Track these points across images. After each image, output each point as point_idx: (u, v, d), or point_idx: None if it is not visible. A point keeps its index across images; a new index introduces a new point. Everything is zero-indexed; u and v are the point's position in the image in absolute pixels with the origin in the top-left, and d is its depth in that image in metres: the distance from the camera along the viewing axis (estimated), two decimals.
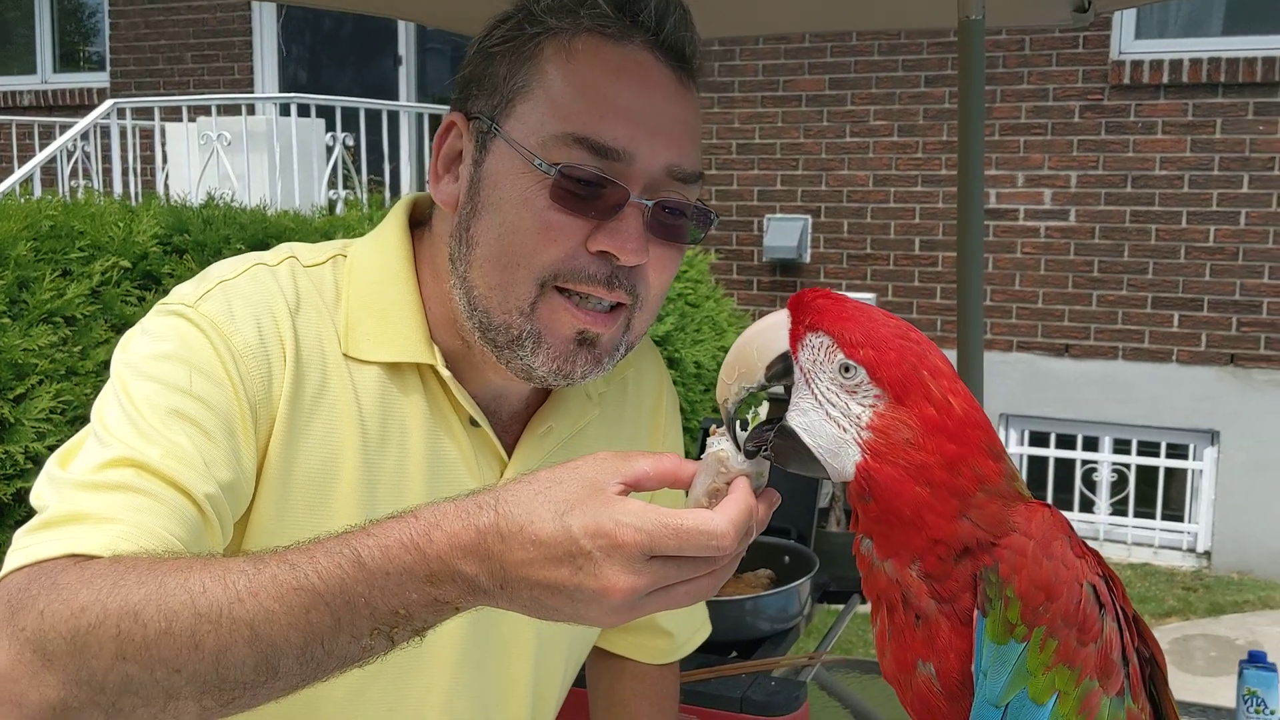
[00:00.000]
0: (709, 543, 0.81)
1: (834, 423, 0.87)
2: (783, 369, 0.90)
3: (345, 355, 1.16)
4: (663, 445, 1.46)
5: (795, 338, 0.89)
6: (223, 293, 1.12)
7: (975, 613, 0.87)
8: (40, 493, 1.00)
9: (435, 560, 0.83)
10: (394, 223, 1.24)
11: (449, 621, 1.18)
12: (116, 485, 0.97)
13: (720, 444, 0.88)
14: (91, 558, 0.90)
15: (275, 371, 1.10)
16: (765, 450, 0.89)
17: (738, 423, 0.91)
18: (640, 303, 1.15)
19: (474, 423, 1.21)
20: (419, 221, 1.25)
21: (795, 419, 0.89)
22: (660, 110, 1.12)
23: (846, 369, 0.87)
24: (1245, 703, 2.01)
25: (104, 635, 0.83)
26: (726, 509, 0.83)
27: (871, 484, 0.86)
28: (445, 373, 1.17)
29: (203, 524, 1.00)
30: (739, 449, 0.89)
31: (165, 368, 1.05)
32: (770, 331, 0.90)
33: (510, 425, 1.26)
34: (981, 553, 0.86)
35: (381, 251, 1.21)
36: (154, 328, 1.10)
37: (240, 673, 0.83)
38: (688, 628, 1.55)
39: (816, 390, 0.88)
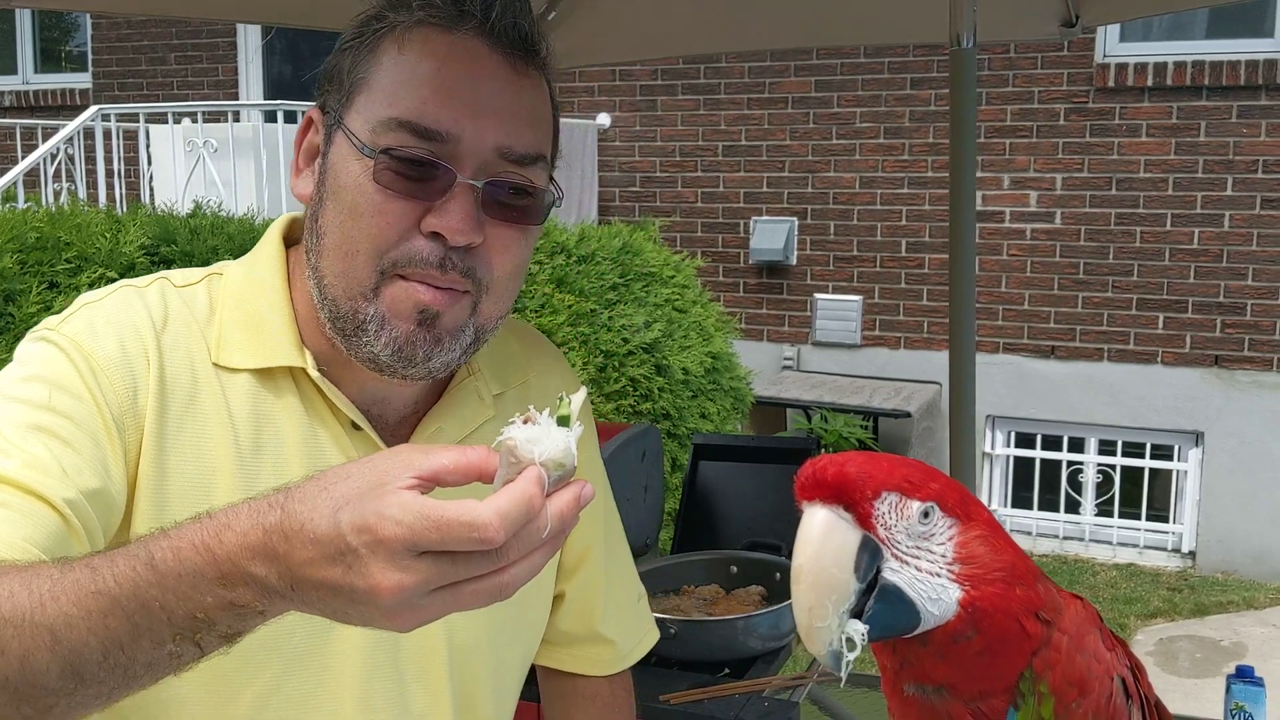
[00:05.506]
0: (470, 535, 0.75)
1: (926, 575, 0.84)
2: (869, 558, 0.85)
3: (215, 365, 1.17)
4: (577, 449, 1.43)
5: (866, 515, 0.84)
6: (86, 313, 1.14)
7: (1009, 709, 0.86)
8: None
9: (225, 562, 0.81)
10: (269, 239, 1.26)
11: (350, 638, 1.18)
12: None
13: (510, 432, 0.80)
14: None
15: (140, 384, 1.12)
16: (864, 636, 0.84)
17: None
18: (484, 287, 1.15)
19: (356, 426, 1.21)
20: (297, 240, 1.26)
21: (895, 578, 0.85)
22: (488, 93, 1.13)
23: (926, 514, 0.84)
24: (1233, 717, 2.02)
25: None
26: (496, 499, 0.77)
27: (979, 611, 0.83)
28: (315, 374, 1.18)
29: (66, 530, 1.00)
30: (838, 670, 0.84)
31: (26, 388, 1.07)
32: (831, 538, 0.85)
33: (398, 429, 1.25)
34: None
35: (254, 266, 1.23)
36: (21, 355, 1.13)
37: (46, 678, 0.81)
38: (632, 635, 1.54)
39: (898, 554, 0.85)
